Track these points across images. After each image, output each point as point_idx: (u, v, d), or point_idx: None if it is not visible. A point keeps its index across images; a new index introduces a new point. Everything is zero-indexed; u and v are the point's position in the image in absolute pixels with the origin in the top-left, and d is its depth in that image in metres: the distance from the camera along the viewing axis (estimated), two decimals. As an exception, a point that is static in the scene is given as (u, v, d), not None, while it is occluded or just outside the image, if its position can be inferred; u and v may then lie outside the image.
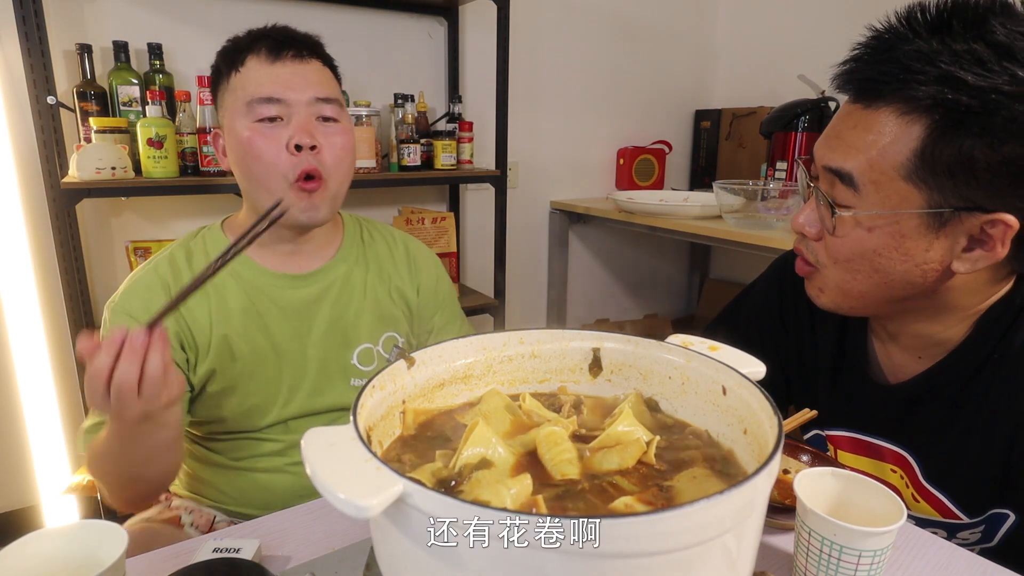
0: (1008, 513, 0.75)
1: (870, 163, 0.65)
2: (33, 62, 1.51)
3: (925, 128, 0.61)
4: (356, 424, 0.41)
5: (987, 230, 0.63)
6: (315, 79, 0.90)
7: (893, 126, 0.63)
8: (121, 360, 0.62)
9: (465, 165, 2.25)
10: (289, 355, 0.94)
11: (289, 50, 0.89)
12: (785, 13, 2.72)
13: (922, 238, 0.65)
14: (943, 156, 0.61)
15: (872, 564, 0.55)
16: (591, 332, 0.63)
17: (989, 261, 0.65)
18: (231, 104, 0.89)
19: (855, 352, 0.85)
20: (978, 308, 0.73)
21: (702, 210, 2.18)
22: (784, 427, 0.44)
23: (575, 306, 2.94)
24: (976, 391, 0.74)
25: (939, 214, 0.64)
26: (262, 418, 0.93)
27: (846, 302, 0.74)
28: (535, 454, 0.52)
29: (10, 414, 1.84)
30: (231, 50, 0.90)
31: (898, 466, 0.82)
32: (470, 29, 2.38)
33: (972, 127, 0.59)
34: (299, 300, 0.95)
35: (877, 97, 0.64)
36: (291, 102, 0.87)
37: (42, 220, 1.73)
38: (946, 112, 0.60)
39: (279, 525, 0.70)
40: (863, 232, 0.68)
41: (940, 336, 0.76)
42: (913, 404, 0.79)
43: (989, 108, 0.58)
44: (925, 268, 0.67)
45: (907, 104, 0.62)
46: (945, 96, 0.59)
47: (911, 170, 0.63)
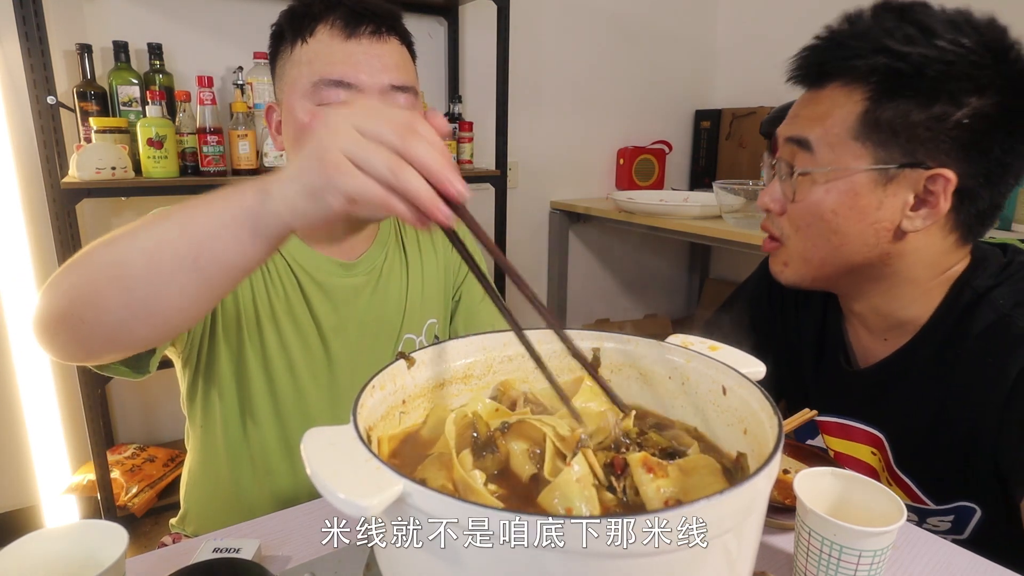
0: (975, 507, 0.78)
1: (824, 129, 0.73)
2: (33, 62, 1.51)
3: (866, 93, 0.70)
4: (356, 424, 0.41)
5: (930, 187, 0.70)
6: (392, 62, 0.81)
7: (840, 96, 0.72)
8: (421, 126, 0.47)
9: (465, 165, 2.25)
10: (333, 344, 0.90)
11: (367, 24, 0.79)
12: (785, 13, 2.72)
13: (872, 195, 0.72)
14: (884, 116, 0.69)
15: (872, 564, 0.55)
16: (591, 332, 0.63)
17: (935, 218, 0.71)
18: (294, 78, 0.80)
19: (832, 338, 0.90)
20: (935, 282, 0.77)
21: (702, 210, 2.18)
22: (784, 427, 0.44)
23: (575, 306, 2.94)
24: (939, 380, 0.77)
25: (885, 170, 0.71)
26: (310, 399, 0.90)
27: (808, 272, 0.80)
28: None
29: (10, 414, 1.84)
30: (300, 14, 0.80)
31: (876, 448, 0.85)
32: (470, 29, 2.38)
33: (906, 89, 0.68)
34: (345, 287, 0.91)
35: (825, 77, 0.74)
36: (363, 88, 0.78)
37: (42, 220, 1.73)
38: (882, 77, 0.69)
39: (279, 525, 0.70)
40: (820, 191, 0.74)
41: (901, 315, 0.80)
42: (881, 388, 0.83)
43: (918, 71, 0.67)
44: (878, 227, 0.73)
45: (849, 75, 0.71)
46: (880, 63, 0.68)
47: (858, 130, 0.71)
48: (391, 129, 0.45)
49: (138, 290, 0.55)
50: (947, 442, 0.77)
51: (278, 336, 0.88)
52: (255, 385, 0.88)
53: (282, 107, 0.84)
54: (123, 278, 0.55)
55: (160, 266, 0.54)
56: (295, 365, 0.89)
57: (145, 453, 1.96)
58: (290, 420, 0.90)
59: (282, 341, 0.88)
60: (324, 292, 0.90)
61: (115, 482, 1.81)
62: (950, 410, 0.76)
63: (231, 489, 0.92)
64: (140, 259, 0.54)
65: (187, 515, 0.97)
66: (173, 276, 0.54)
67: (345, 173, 0.45)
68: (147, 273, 0.54)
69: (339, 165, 0.45)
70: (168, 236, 0.54)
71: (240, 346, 0.87)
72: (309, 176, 0.47)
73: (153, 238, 0.55)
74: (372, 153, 0.45)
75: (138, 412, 2.07)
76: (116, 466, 1.86)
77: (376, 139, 0.45)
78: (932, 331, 0.78)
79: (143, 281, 0.54)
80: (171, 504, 1.86)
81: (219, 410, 0.89)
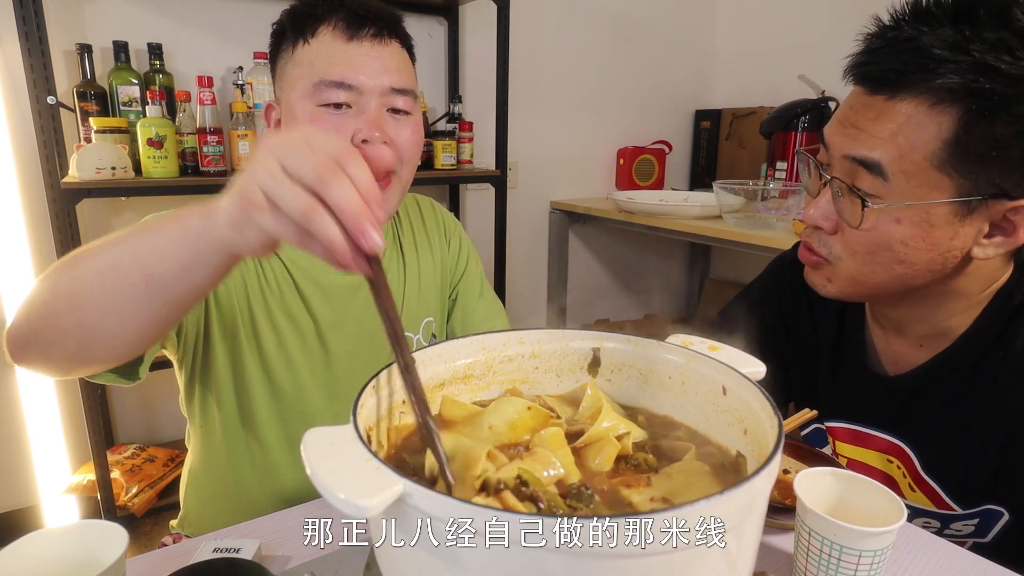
0: (1002, 511, 0.76)
1: (900, 153, 0.64)
2: (33, 62, 1.51)
3: (957, 116, 0.61)
4: (356, 424, 0.41)
5: (1010, 217, 0.65)
6: (393, 65, 0.81)
7: (923, 116, 0.62)
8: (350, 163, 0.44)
9: (465, 165, 2.25)
10: (331, 342, 0.90)
11: (369, 27, 0.80)
12: (785, 13, 2.72)
13: (949, 226, 0.65)
14: (975, 144, 0.61)
15: (872, 564, 0.55)
16: (591, 332, 0.63)
17: (1010, 247, 0.67)
18: (295, 78, 0.80)
19: (854, 342, 0.85)
20: (982, 295, 0.74)
21: (702, 210, 2.19)
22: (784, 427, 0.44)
23: (575, 306, 2.94)
24: (977, 386, 0.74)
25: (968, 202, 0.64)
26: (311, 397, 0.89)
27: (856, 291, 0.74)
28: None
29: (10, 414, 1.84)
30: (302, 14, 0.81)
31: (896, 457, 0.82)
32: (470, 29, 2.38)
33: (1004, 115, 0.60)
34: (343, 285, 0.91)
35: (900, 87, 0.63)
36: (364, 90, 0.79)
37: (42, 220, 1.73)
38: (979, 100, 0.60)
39: (279, 525, 0.70)
40: (891, 223, 0.67)
41: (944, 324, 0.76)
42: (913, 396, 0.80)
43: (1022, 95, 0.59)
44: (947, 256, 0.67)
45: (936, 94, 0.61)
46: (980, 84, 0.59)
47: (943, 159, 0.63)
48: (313, 167, 0.43)
49: (93, 312, 0.55)
50: (980, 447, 0.74)
51: (275, 335, 0.88)
52: (253, 384, 0.88)
53: (282, 106, 0.84)
54: (77, 301, 0.56)
55: (111, 289, 0.54)
56: (293, 363, 0.89)
57: (145, 453, 1.96)
58: (289, 418, 0.90)
59: (279, 340, 0.88)
60: (321, 290, 0.90)
61: (115, 482, 1.81)
62: (987, 415, 0.73)
63: (231, 489, 0.92)
64: (94, 283, 0.55)
65: (187, 516, 0.97)
66: (125, 299, 0.54)
67: (261, 210, 0.44)
68: (100, 297, 0.55)
69: (256, 202, 0.44)
70: (120, 260, 0.54)
71: (237, 346, 0.87)
72: (233, 209, 0.47)
73: (107, 261, 0.55)
74: (288, 192, 0.43)
75: (138, 412, 2.07)
76: (116, 466, 1.86)
77: (296, 177, 0.43)
78: (975, 338, 0.74)
79: (96, 305, 0.55)
80: (171, 504, 1.86)
81: (218, 410, 0.89)
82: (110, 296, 0.54)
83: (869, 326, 0.85)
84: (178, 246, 0.52)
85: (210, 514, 0.94)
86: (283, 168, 0.43)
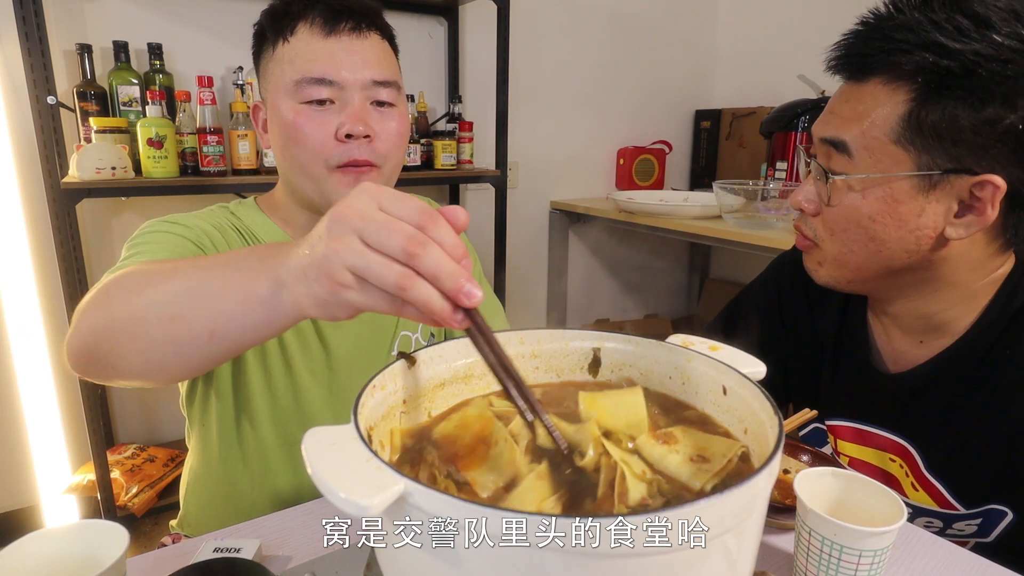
0: (1006, 510, 0.76)
1: (862, 131, 0.68)
2: (33, 62, 1.51)
3: (910, 93, 0.65)
4: (356, 424, 0.41)
5: (976, 193, 0.66)
6: (374, 57, 0.81)
7: (881, 94, 0.67)
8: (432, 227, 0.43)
9: (465, 165, 2.25)
10: (332, 342, 0.90)
11: (347, 21, 0.80)
12: (785, 13, 2.72)
13: (914, 202, 0.68)
14: (929, 119, 0.64)
15: (872, 564, 0.55)
16: (591, 332, 0.63)
17: (981, 225, 0.67)
18: (276, 77, 0.81)
19: (855, 339, 0.86)
20: (979, 285, 0.74)
21: (702, 210, 2.19)
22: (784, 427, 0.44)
23: (575, 306, 2.94)
24: (982, 385, 0.74)
25: (928, 176, 0.66)
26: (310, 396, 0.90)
27: (844, 275, 0.76)
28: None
29: (10, 414, 1.84)
30: (280, 13, 0.81)
31: (898, 456, 0.82)
32: (470, 29, 2.38)
33: (954, 90, 0.62)
34: None
35: (866, 71, 0.68)
36: (345, 84, 0.79)
37: (42, 220, 1.73)
38: (929, 76, 0.63)
39: (279, 525, 0.70)
40: (857, 198, 0.70)
41: (940, 317, 0.76)
42: (915, 395, 0.80)
43: (969, 70, 0.61)
44: (919, 235, 0.69)
45: (892, 72, 0.66)
46: (927, 61, 0.63)
47: (900, 133, 0.66)
48: (399, 241, 0.42)
49: (155, 352, 0.58)
50: (985, 446, 0.74)
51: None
52: (253, 385, 0.88)
53: (267, 106, 0.84)
54: (140, 338, 0.58)
55: (176, 337, 0.56)
56: (293, 363, 0.89)
57: (145, 453, 1.96)
58: (289, 419, 0.90)
59: (280, 340, 0.88)
60: None
61: (115, 482, 1.81)
62: (992, 414, 0.73)
63: (231, 489, 0.92)
64: (157, 326, 0.57)
65: (187, 516, 0.97)
66: (188, 347, 0.57)
67: (351, 288, 0.44)
68: (164, 341, 0.57)
69: (345, 282, 0.44)
70: (184, 312, 0.55)
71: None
72: (316, 287, 0.46)
73: (170, 311, 0.56)
74: (379, 268, 0.42)
75: (138, 412, 2.08)
76: (116, 466, 1.86)
77: (384, 252, 0.42)
78: (979, 335, 0.74)
79: (158, 347, 0.58)
80: (171, 504, 1.86)
81: (217, 411, 0.89)
82: (175, 343, 0.57)
83: (870, 323, 0.85)
84: (246, 310, 0.52)
85: (210, 514, 0.94)
86: (366, 244, 0.43)
